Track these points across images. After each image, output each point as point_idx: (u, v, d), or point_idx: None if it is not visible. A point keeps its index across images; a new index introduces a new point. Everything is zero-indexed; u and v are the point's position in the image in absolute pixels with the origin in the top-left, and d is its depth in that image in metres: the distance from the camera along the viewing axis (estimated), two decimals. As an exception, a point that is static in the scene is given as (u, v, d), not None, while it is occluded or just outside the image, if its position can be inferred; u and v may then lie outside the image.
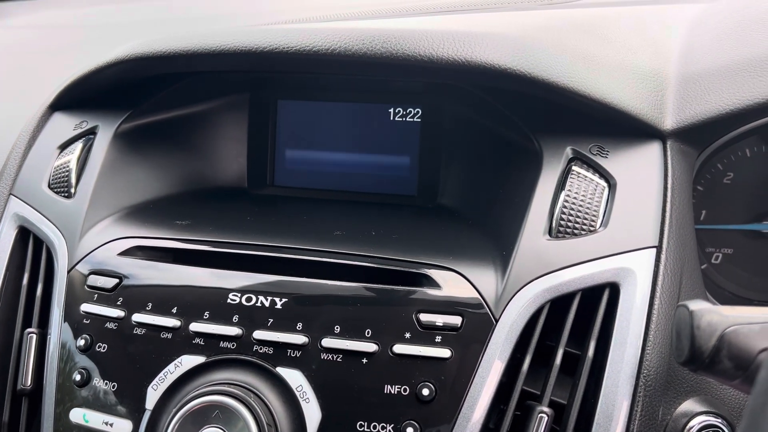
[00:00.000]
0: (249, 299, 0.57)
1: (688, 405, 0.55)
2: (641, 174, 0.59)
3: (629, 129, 0.60)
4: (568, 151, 0.60)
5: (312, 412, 0.52)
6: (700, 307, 0.42)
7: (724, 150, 0.69)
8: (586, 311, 0.55)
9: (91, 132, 0.73)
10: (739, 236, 0.74)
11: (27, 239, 0.68)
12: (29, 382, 0.61)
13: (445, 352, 0.53)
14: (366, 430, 0.52)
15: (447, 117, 0.73)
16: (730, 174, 0.72)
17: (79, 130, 0.73)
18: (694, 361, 0.42)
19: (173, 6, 1.48)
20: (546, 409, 0.51)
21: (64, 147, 0.72)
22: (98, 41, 1.17)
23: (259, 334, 0.55)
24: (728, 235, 0.74)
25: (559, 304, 0.55)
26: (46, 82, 0.95)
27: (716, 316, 0.41)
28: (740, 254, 0.74)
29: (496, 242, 0.59)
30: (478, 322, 0.54)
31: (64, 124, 0.75)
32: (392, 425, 0.51)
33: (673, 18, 0.76)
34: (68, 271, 0.63)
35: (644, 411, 0.52)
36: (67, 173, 0.69)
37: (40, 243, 0.67)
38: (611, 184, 0.59)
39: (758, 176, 0.72)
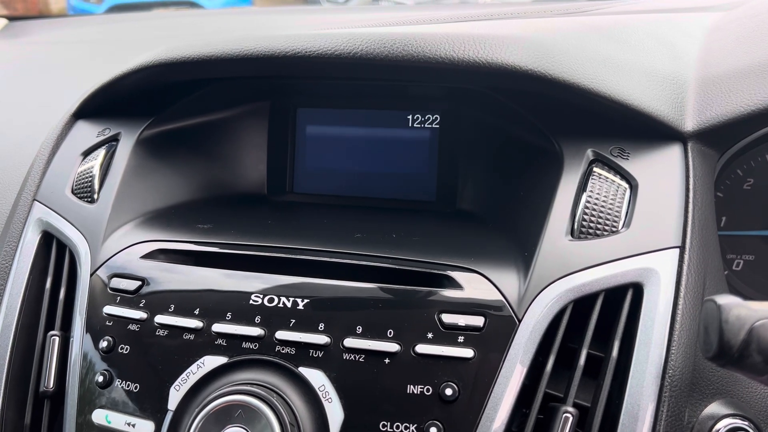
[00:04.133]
0: (271, 300, 0.57)
1: (715, 407, 0.54)
2: (662, 175, 0.59)
3: (650, 131, 0.60)
4: (589, 153, 0.60)
5: (335, 412, 0.52)
6: (728, 301, 0.41)
7: (743, 155, 0.69)
8: (610, 312, 0.55)
9: (114, 139, 0.74)
10: (760, 242, 0.73)
11: (50, 244, 0.69)
12: (52, 384, 0.62)
13: (468, 353, 0.53)
14: (389, 430, 0.51)
15: (465, 122, 0.73)
16: (750, 180, 0.72)
17: (102, 137, 0.74)
18: (722, 355, 0.41)
19: (184, 23, 1.51)
20: (571, 409, 0.51)
21: (87, 153, 0.73)
22: (116, 55, 1.19)
23: (281, 335, 0.55)
24: (749, 242, 0.74)
25: (582, 305, 0.55)
26: (65, 93, 0.97)
27: (745, 310, 0.41)
28: (762, 261, 0.73)
29: (517, 244, 0.59)
30: (500, 322, 0.54)
31: (87, 132, 0.76)
32: (415, 425, 0.51)
33: (691, 25, 0.76)
34: (91, 275, 0.64)
35: (670, 413, 0.51)
36: (90, 179, 0.70)
37: (63, 247, 0.68)
38: (632, 186, 0.59)
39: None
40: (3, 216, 0.77)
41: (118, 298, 0.61)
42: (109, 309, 0.61)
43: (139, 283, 0.61)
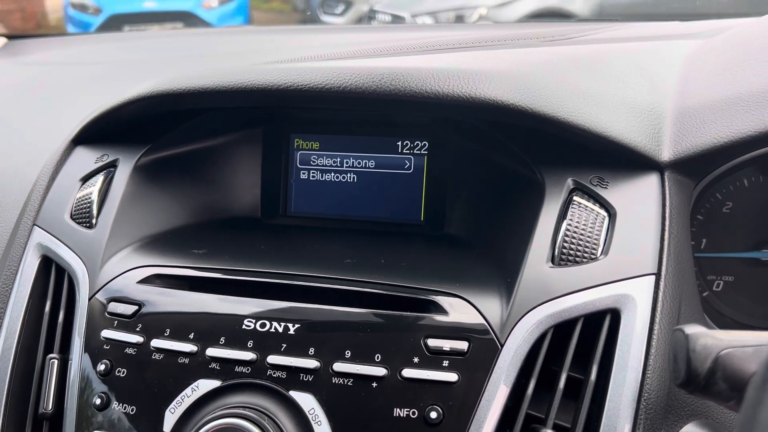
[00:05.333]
0: (263, 325, 0.59)
1: (690, 429, 0.56)
2: (640, 204, 0.61)
3: (628, 161, 0.63)
4: (570, 182, 0.63)
5: (324, 435, 0.54)
6: (695, 330, 0.44)
7: (722, 180, 0.71)
8: (589, 336, 0.57)
9: (112, 165, 0.76)
10: (740, 264, 0.75)
11: (50, 268, 0.71)
12: (50, 406, 0.63)
13: (452, 376, 0.55)
14: (376, 452, 0.53)
15: (453, 149, 0.75)
16: (729, 203, 0.75)
17: (101, 163, 0.76)
18: (690, 383, 0.43)
19: (184, 44, 1.54)
20: (549, 431, 0.53)
21: (85, 179, 0.76)
22: (114, 78, 1.22)
23: (272, 359, 0.57)
24: (729, 263, 0.76)
25: (562, 330, 0.57)
26: (65, 117, 1.00)
27: (711, 340, 0.43)
28: (741, 282, 0.76)
29: (500, 270, 0.62)
30: (483, 347, 0.56)
31: (86, 158, 0.78)
32: (402, 448, 0.53)
33: (670, 54, 0.79)
34: (89, 299, 0.66)
35: (646, 435, 0.53)
36: (88, 204, 0.73)
37: (62, 272, 0.70)
38: (611, 214, 0.61)
39: (757, 205, 0.74)
40: (3, 240, 0.79)
41: (116, 322, 0.63)
42: (106, 333, 0.63)
43: (136, 307, 0.63)
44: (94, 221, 0.72)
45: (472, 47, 0.91)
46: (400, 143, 0.78)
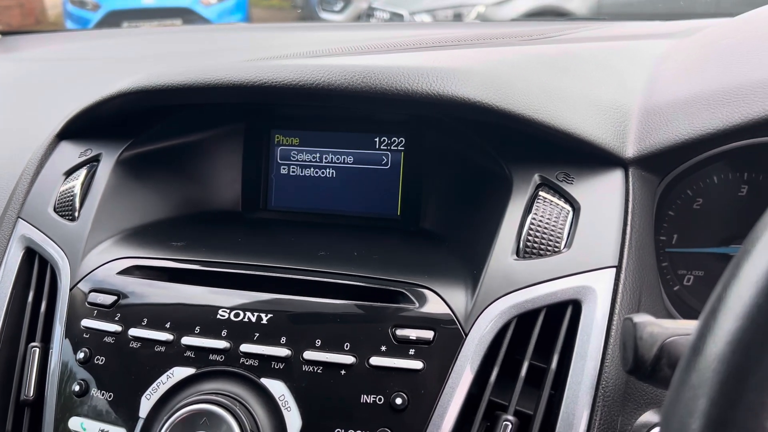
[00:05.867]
0: (237, 315, 0.61)
1: (648, 416, 0.58)
2: (604, 199, 0.63)
3: (593, 157, 0.65)
4: (536, 178, 0.65)
5: (293, 420, 0.56)
6: (643, 319, 0.46)
7: (691, 176, 0.73)
8: (551, 327, 0.59)
9: (95, 159, 0.78)
10: (709, 259, 0.77)
11: (33, 259, 0.73)
12: (32, 393, 0.65)
13: (417, 364, 0.57)
14: (343, 437, 0.55)
15: (428, 146, 0.77)
16: (700, 200, 0.76)
17: (84, 158, 0.78)
18: (638, 369, 0.45)
19: (168, 40, 1.56)
20: (511, 417, 0.55)
21: (69, 173, 0.77)
22: (101, 74, 1.23)
23: (245, 348, 0.59)
24: (699, 258, 0.78)
25: (525, 320, 0.59)
26: (52, 112, 1.01)
27: (657, 328, 0.45)
28: (711, 276, 0.77)
29: (468, 262, 0.63)
30: (448, 336, 0.58)
31: (70, 152, 0.80)
32: (367, 432, 0.55)
33: (642, 53, 0.81)
34: (70, 289, 0.67)
35: (603, 420, 0.55)
36: (71, 198, 0.74)
37: (44, 263, 0.72)
38: (575, 208, 0.63)
39: (725, 202, 0.75)
40: (-10, 232, 0.80)
41: (96, 311, 0.65)
42: (86, 322, 0.65)
43: (116, 297, 0.65)
44: (76, 214, 0.73)
45: (454, 46, 0.93)
46: (377, 139, 0.79)
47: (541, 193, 0.64)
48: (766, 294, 0.30)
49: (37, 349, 0.67)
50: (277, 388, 0.57)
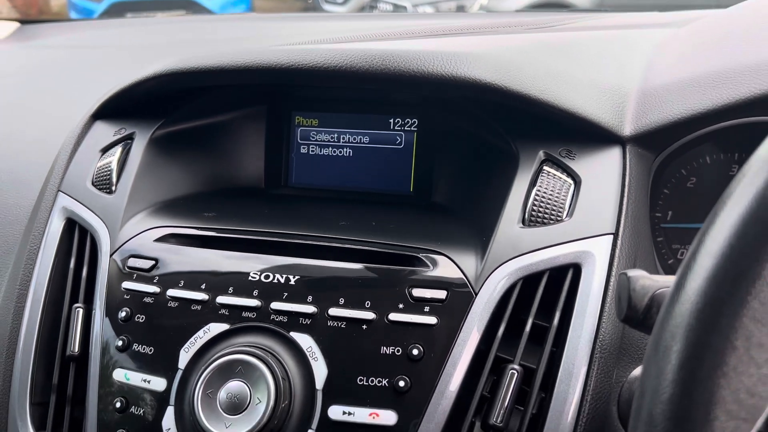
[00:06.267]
0: (267, 277, 0.67)
1: (640, 370, 0.64)
2: (603, 173, 0.69)
3: (594, 135, 0.70)
4: (541, 154, 0.70)
5: (320, 369, 0.62)
6: (636, 274, 0.51)
7: (683, 155, 0.78)
8: (553, 288, 0.64)
9: (129, 138, 0.83)
10: (701, 234, 0.83)
11: (73, 229, 0.78)
12: (77, 349, 0.71)
13: (432, 320, 0.62)
14: (365, 383, 0.61)
15: (440, 126, 0.83)
16: (693, 179, 0.82)
17: (119, 136, 0.84)
18: (630, 318, 0.51)
19: (188, 30, 1.61)
20: (517, 366, 0.61)
21: (105, 150, 0.83)
22: (125, 60, 1.29)
23: (275, 305, 0.65)
24: (692, 234, 0.83)
25: (530, 282, 0.64)
26: (81, 95, 1.07)
27: (648, 281, 0.51)
28: (702, 251, 0.83)
29: (478, 230, 0.69)
30: (460, 296, 0.64)
31: (105, 131, 0.85)
32: (387, 379, 0.61)
33: (640, 41, 0.86)
34: (110, 255, 0.73)
35: (599, 372, 0.61)
36: (108, 173, 0.80)
37: (84, 232, 0.77)
38: (577, 182, 0.69)
39: (717, 181, 0.81)
40: (29, 204, 0.86)
41: (135, 275, 0.71)
42: (126, 284, 0.70)
43: (153, 262, 0.71)
44: (113, 188, 0.79)
45: (460, 33, 0.98)
46: (392, 120, 0.85)
47: (545, 167, 0.69)
48: (737, 237, 0.36)
49: (81, 310, 0.73)
50: (304, 341, 0.63)
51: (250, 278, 0.67)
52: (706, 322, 0.36)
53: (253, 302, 0.66)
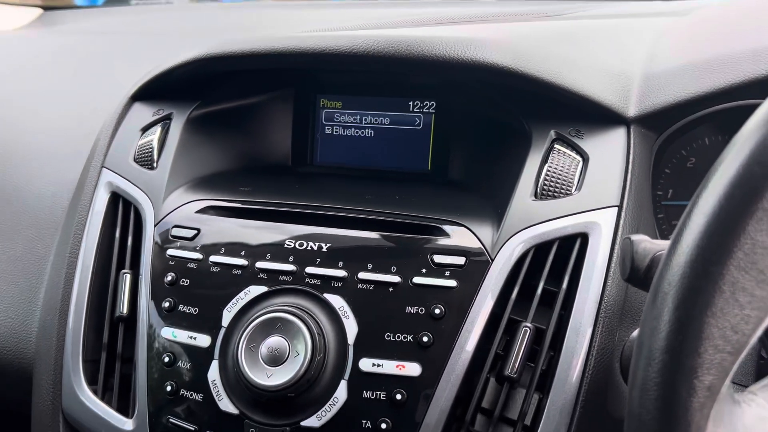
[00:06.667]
0: (301, 244, 0.73)
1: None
2: (609, 151, 0.75)
3: (601, 116, 0.76)
4: (552, 133, 0.76)
5: (351, 326, 0.69)
6: (638, 238, 0.57)
7: (683, 136, 0.84)
8: (562, 256, 0.70)
9: (168, 118, 0.89)
10: (699, 211, 0.89)
11: (117, 203, 0.85)
12: (125, 310, 0.78)
13: (452, 283, 0.69)
14: (392, 339, 0.68)
15: (457, 108, 0.89)
16: (692, 159, 0.88)
17: (158, 116, 0.90)
18: (633, 277, 0.57)
19: (198, 17, 1.66)
20: (529, 324, 0.67)
21: (145, 129, 0.89)
22: (153, 46, 1.35)
23: (309, 270, 0.71)
24: (691, 211, 0.90)
25: (541, 250, 0.71)
26: (110, 78, 1.13)
27: (649, 244, 0.57)
28: (700, 226, 0.89)
29: (494, 204, 0.75)
30: (477, 262, 0.70)
31: (144, 112, 0.92)
32: (411, 336, 0.67)
33: (644, 29, 0.92)
34: (155, 225, 0.80)
35: (604, 332, 0.67)
36: (150, 150, 0.86)
37: (128, 205, 0.84)
38: (585, 159, 0.75)
39: (715, 161, 0.87)
40: (73, 180, 0.93)
41: (178, 243, 0.77)
42: (171, 252, 0.77)
43: (195, 231, 0.77)
44: (155, 164, 0.85)
45: (475, 21, 1.04)
46: (411, 103, 0.91)
47: (556, 146, 0.75)
48: (725, 198, 0.42)
49: (128, 275, 0.79)
50: (336, 301, 0.70)
51: (285, 246, 0.74)
52: (697, 270, 0.42)
53: (289, 267, 0.72)
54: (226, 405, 0.69)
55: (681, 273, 0.43)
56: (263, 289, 0.72)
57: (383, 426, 0.66)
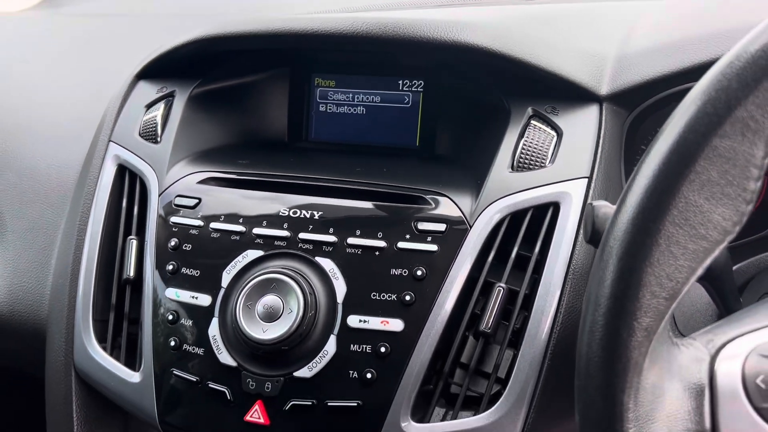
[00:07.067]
0: (294, 212, 0.79)
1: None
2: (582, 127, 0.80)
3: (575, 94, 0.82)
4: (529, 110, 0.82)
5: (340, 286, 0.75)
6: (599, 203, 0.63)
7: (655, 114, 0.89)
8: (536, 224, 0.76)
9: (170, 95, 0.95)
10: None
11: (124, 174, 0.91)
12: (132, 273, 0.84)
13: (433, 247, 0.75)
14: (377, 298, 0.74)
15: (443, 86, 0.94)
16: (666, 136, 0.93)
17: (161, 94, 0.95)
18: (594, 239, 0.63)
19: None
20: (503, 285, 0.73)
21: (149, 106, 0.95)
22: (155, 27, 1.40)
23: (302, 236, 0.77)
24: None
25: (516, 218, 0.76)
26: (115, 58, 1.18)
27: (609, 209, 0.62)
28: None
29: (474, 175, 0.81)
30: (457, 228, 0.76)
31: (149, 89, 0.97)
32: (395, 295, 0.73)
33: (620, 12, 0.97)
34: (159, 195, 0.86)
35: (571, 293, 0.73)
36: (154, 125, 0.92)
37: (134, 176, 0.90)
38: (559, 134, 0.80)
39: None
40: (81, 153, 0.99)
41: (181, 211, 0.83)
42: (174, 219, 0.83)
43: (197, 200, 0.83)
44: (159, 138, 0.91)
45: (460, 5, 1.09)
46: (400, 82, 0.96)
47: (532, 122, 0.81)
48: (663, 162, 0.47)
49: (134, 241, 0.85)
50: (327, 264, 0.76)
51: (280, 213, 0.79)
52: (638, 226, 0.48)
53: (284, 233, 0.78)
54: (225, 358, 0.75)
55: (624, 229, 0.49)
56: (260, 253, 0.78)
57: (368, 376, 0.72)
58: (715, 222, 0.47)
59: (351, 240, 0.76)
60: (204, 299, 0.78)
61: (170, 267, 0.81)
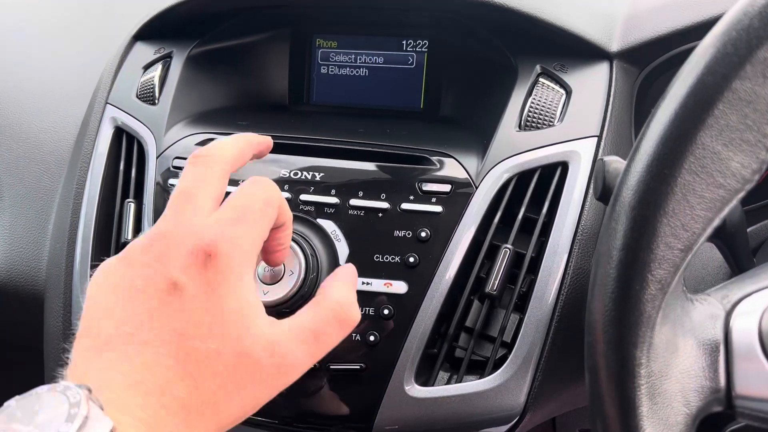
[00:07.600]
0: (296, 174, 0.77)
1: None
2: (591, 85, 0.78)
3: (585, 52, 0.79)
4: (538, 68, 0.79)
5: (342, 248, 0.73)
6: (610, 158, 0.61)
7: (666, 74, 0.87)
8: (543, 185, 0.74)
9: (168, 56, 0.92)
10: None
11: (121, 137, 0.89)
12: (130, 236, 0.82)
13: (437, 209, 0.73)
14: (380, 260, 0.72)
15: (448, 46, 0.91)
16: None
17: (158, 55, 0.93)
18: (604, 196, 0.61)
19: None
20: (510, 246, 0.71)
21: (147, 67, 0.92)
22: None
23: (304, 197, 0.75)
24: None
25: (523, 178, 0.74)
26: (109, 22, 1.15)
27: (619, 164, 0.60)
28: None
29: (480, 135, 0.79)
30: (462, 189, 0.74)
31: (146, 50, 0.94)
32: (399, 257, 0.72)
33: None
34: (157, 157, 0.84)
35: (579, 255, 0.71)
36: (151, 87, 0.90)
37: (131, 139, 0.88)
38: (568, 92, 0.78)
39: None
40: (78, 116, 0.96)
41: (179, 173, 0.81)
42: (172, 181, 0.81)
43: (195, 162, 0.81)
44: (156, 100, 0.89)
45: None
46: (404, 42, 0.94)
47: (540, 79, 0.78)
48: (680, 107, 0.45)
49: (132, 204, 0.83)
50: (329, 226, 0.74)
51: (281, 175, 0.77)
52: (653, 173, 0.46)
53: (285, 195, 0.76)
54: (225, 321, 0.74)
55: (638, 178, 0.47)
56: (260, 214, 0.76)
57: (371, 338, 0.70)
58: (733, 169, 0.45)
59: (353, 201, 0.74)
60: (203, 262, 0.76)
61: (169, 230, 0.79)
